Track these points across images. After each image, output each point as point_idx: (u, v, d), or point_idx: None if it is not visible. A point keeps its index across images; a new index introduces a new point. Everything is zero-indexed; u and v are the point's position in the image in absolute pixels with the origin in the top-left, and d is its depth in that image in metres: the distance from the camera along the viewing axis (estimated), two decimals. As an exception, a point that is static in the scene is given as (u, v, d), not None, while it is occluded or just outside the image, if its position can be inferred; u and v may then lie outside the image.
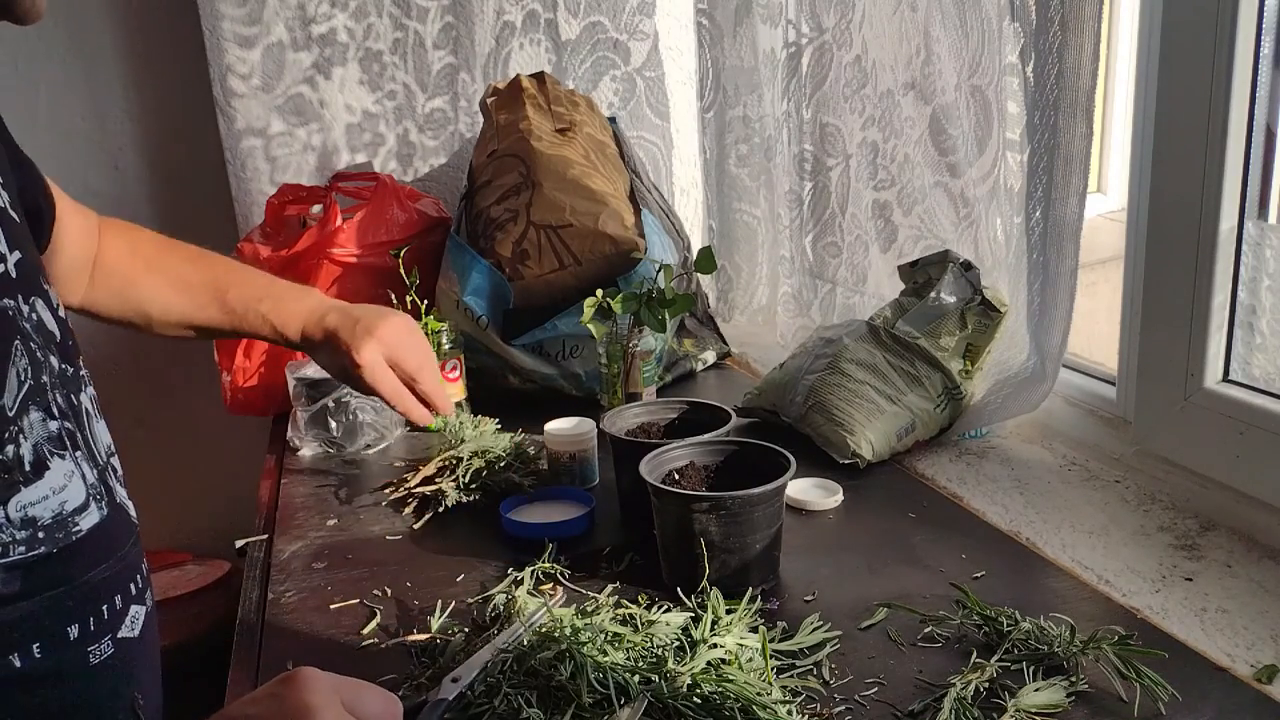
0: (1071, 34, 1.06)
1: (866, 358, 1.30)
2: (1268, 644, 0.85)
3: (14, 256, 0.69)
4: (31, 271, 0.71)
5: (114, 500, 0.71)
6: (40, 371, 0.67)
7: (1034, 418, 1.31)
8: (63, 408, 0.68)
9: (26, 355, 0.66)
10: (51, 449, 0.66)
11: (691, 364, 1.66)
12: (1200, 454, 1.10)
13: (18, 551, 0.61)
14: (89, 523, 0.67)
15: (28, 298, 0.69)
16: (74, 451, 0.68)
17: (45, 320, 0.70)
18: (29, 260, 0.71)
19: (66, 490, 0.66)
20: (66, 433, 0.68)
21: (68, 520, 0.65)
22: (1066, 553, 1.02)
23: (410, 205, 1.68)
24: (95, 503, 0.68)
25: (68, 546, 0.65)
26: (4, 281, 0.67)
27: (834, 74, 1.57)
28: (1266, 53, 1.01)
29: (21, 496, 0.63)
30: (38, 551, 0.62)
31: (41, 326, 0.69)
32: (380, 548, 1.11)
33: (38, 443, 0.65)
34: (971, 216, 1.36)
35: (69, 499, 0.66)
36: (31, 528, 0.63)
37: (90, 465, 0.70)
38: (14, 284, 0.67)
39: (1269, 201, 1.07)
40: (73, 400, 0.70)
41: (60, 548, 0.64)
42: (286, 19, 1.74)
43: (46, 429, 0.66)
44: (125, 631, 0.68)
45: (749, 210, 1.90)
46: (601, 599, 0.93)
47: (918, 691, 0.79)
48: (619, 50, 1.92)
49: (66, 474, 0.66)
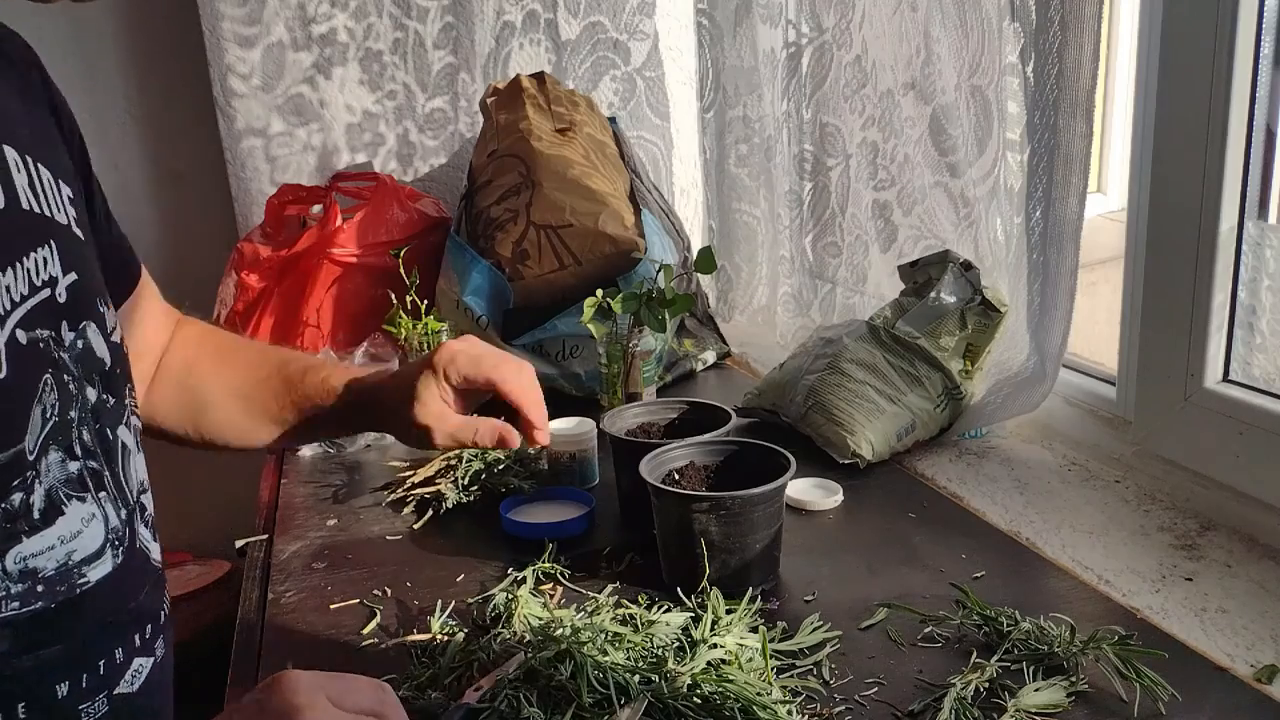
0: (1071, 34, 1.06)
1: (866, 358, 1.30)
2: (1268, 644, 0.85)
3: (68, 279, 0.64)
4: (87, 294, 0.66)
5: (134, 545, 0.66)
6: (69, 406, 0.62)
7: (1034, 418, 1.31)
8: (89, 445, 0.64)
9: (56, 389, 0.61)
10: (69, 492, 0.61)
11: (691, 364, 1.66)
12: (1200, 454, 1.10)
13: (10, 607, 0.57)
14: (99, 574, 0.62)
15: (76, 323, 0.65)
16: (97, 493, 0.63)
17: (95, 347, 0.66)
18: (86, 282, 0.66)
19: (80, 538, 0.61)
20: (90, 472, 0.63)
21: (74, 571, 0.61)
22: (1066, 553, 1.02)
23: (410, 205, 1.68)
24: (111, 550, 0.64)
25: (69, 600, 0.60)
26: (48, 308, 0.62)
27: (834, 74, 1.57)
28: (1266, 53, 1.01)
29: (23, 547, 0.58)
30: (34, 606, 0.58)
31: (87, 355, 0.65)
32: (380, 548, 1.11)
33: (53, 486, 0.60)
34: (971, 216, 1.36)
35: (80, 548, 0.61)
36: (30, 580, 0.58)
37: (117, 507, 0.65)
38: (60, 310, 0.63)
39: (1269, 201, 1.07)
40: (106, 434, 0.66)
41: (60, 601, 0.59)
42: (286, 19, 1.74)
43: (65, 470, 0.61)
44: (123, 687, 0.64)
45: (749, 210, 1.90)
46: (601, 599, 0.93)
47: (918, 691, 0.79)
48: (619, 50, 1.92)
49: (85, 518, 0.62)
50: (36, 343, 0.61)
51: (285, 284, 1.58)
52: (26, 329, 0.60)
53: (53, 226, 0.65)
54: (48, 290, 0.62)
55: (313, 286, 1.58)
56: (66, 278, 0.64)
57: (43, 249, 0.63)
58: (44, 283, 0.62)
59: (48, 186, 0.66)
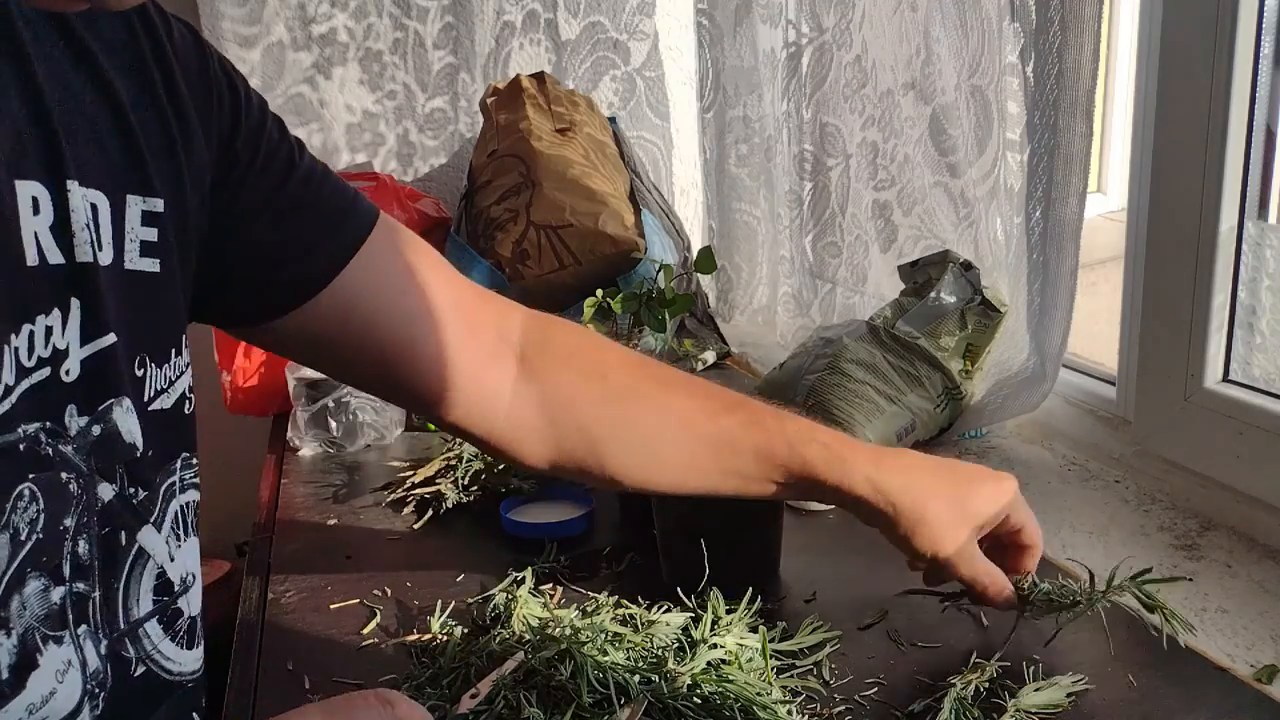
0: (1071, 34, 1.06)
1: (866, 358, 1.30)
2: (1268, 644, 0.85)
3: (92, 347, 0.51)
4: (119, 359, 0.52)
5: (128, 675, 0.54)
6: (63, 513, 0.49)
7: (1034, 418, 1.31)
8: (82, 560, 0.51)
9: (41, 498, 0.48)
10: (47, 632, 0.48)
11: (691, 364, 1.66)
12: (1200, 454, 1.10)
13: None
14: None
15: (94, 405, 0.51)
16: (77, 627, 0.50)
17: (122, 430, 0.53)
18: (129, 340, 0.53)
19: (54, 699, 0.48)
20: (74, 600, 0.50)
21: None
22: (1066, 553, 1.02)
23: (410, 205, 1.68)
24: (90, 702, 0.50)
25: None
26: (42, 394, 0.48)
27: (834, 74, 1.57)
28: (1266, 53, 1.01)
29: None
30: None
31: (107, 443, 0.52)
32: (380, 548, 1.11)
33: (29, 630, 0.47)
34: (971, 216, 1.36)
35: (53, 712, 0.48)
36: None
37: (102, 637, 0.52)
38: (65, 392, 0.50)
39: (1269, 201, 1.07)
40: (117, 540, 0.53)
41: None
42: (286, 19, 1.74)
43: (46, 603, 0.48)
44: None
45: (749, 210, 1.90)
46: (601, 599, 0.93)
47: (918, 691, 0.79)
48: (619, 50, 1.92)
49: (59, 670, 0.49)
50: (14, 446, 0.47)
51: (285, 284, 1.58)
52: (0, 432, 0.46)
53: (81, 276, 0.50)
54: (46, 370, 0.48)
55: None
56: (89, 346, 0.51)
57: (48, 315, 0.49)
58: (40, 361, 0.48)
59: (91, 215, 0.51)
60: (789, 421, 0.80)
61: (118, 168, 0.54)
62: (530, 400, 0.80)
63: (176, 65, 0.59)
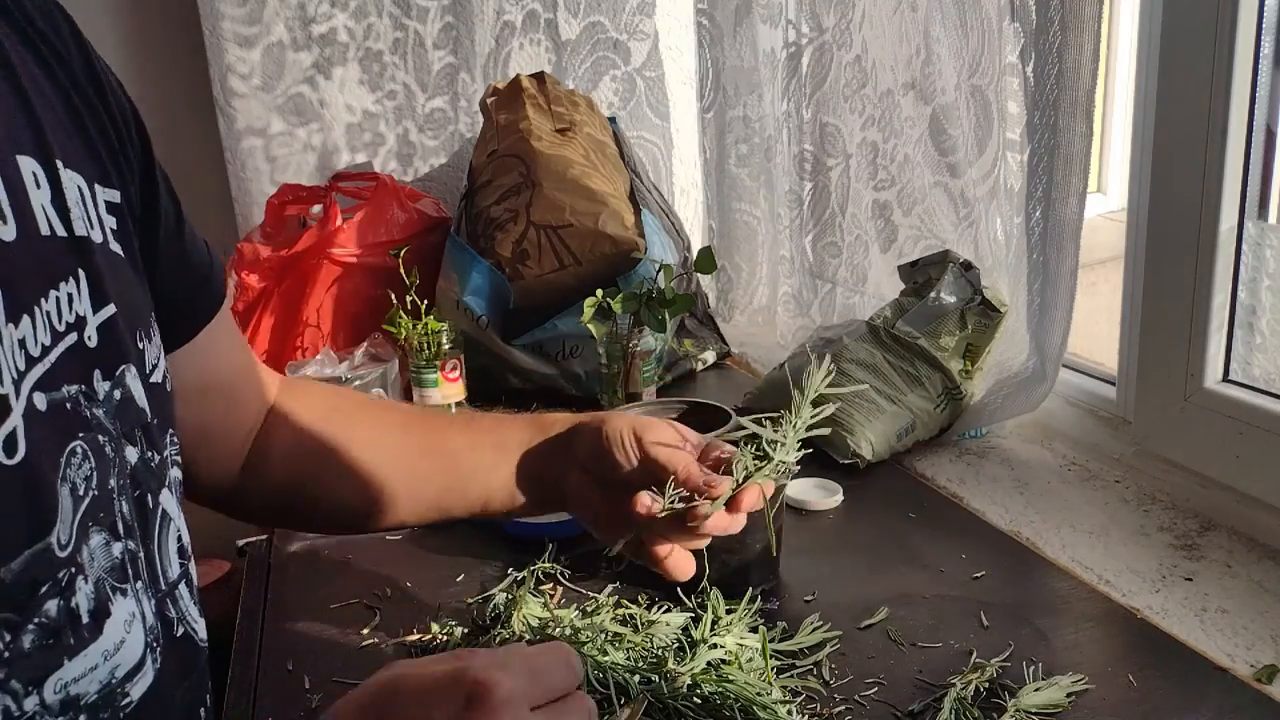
0: (1071, 34, 1.06)
1: (866, 358, 1.30)
2: (1268, 644, 0.85)
3: (101, 315, 0.52)
4: (125, 330, 0.55)
5: (172, 635, 0.56)
6: (108, 473, 0.51)
7: (1034, 418, 1.31)
8: (129, 521, 0.52)
9: (92, 456, 0.50)
10: (114, 584, 0.50)
11: (691, 364, 1.66)
12: (1200, 454, 1.10)
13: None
14: (141, 689, 0.51)
15: (112, 370, 0.53)
16: (134, 582, 0.52)
17: (134, 394, 0.55)
18: (124, 314, 0.55)
19: (123, 649, 0.50)
20: (129, 556, 0.52)
21: (117, 692, 0.49)
22: (1066, 553, 1.02)
23: (410, 205, 1.68)
24: (151, 655, 0.52)
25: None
26: (75, 358, 0.50)
27: (834, 74, 1.57)
28: (1266, 53, 1.01)
29: (65, 671, 0.46)
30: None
31: (126, 407, 0.54)
32: (380, 548, 1.11)
33: (100, 579, 0.49)
34: (971, 216, 1.36)
35: (123, 661, 0.50)
36: (71, 711, 0.47)
37: (150, 595, 0.54)
38: (91, 356, 0.51)
39: (1269, 201, 1.07)
40: (146, 503, 0.55)
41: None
42: (286, 19, 1.74)
43: (110, 556, 0.50)
44: None
45: (749, 210, 1.90)
46: (601, 599, 0.93)
47: (918, 691, 0.79)
48: (619, 50, 1.92)
49: (127, 620, 0.51)
50: (63, 404, 0.49)
51: (285, 284, 1.58)
52: (48, 389, 0.48)
53: (83, 249, 0.53)
54: (74, 335, 0.50)
55: (313, 286, 1.58)
56: (99, 315, 0.52)
57: (67, 283, 0.51)
58: (69, 325, 0.50)
59: (79, 194, 0.54)
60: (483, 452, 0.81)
61: (84, 156, 0.57)
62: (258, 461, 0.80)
63: (107, 83, 0.62)
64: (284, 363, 1.50)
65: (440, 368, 1.41)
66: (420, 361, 1.41)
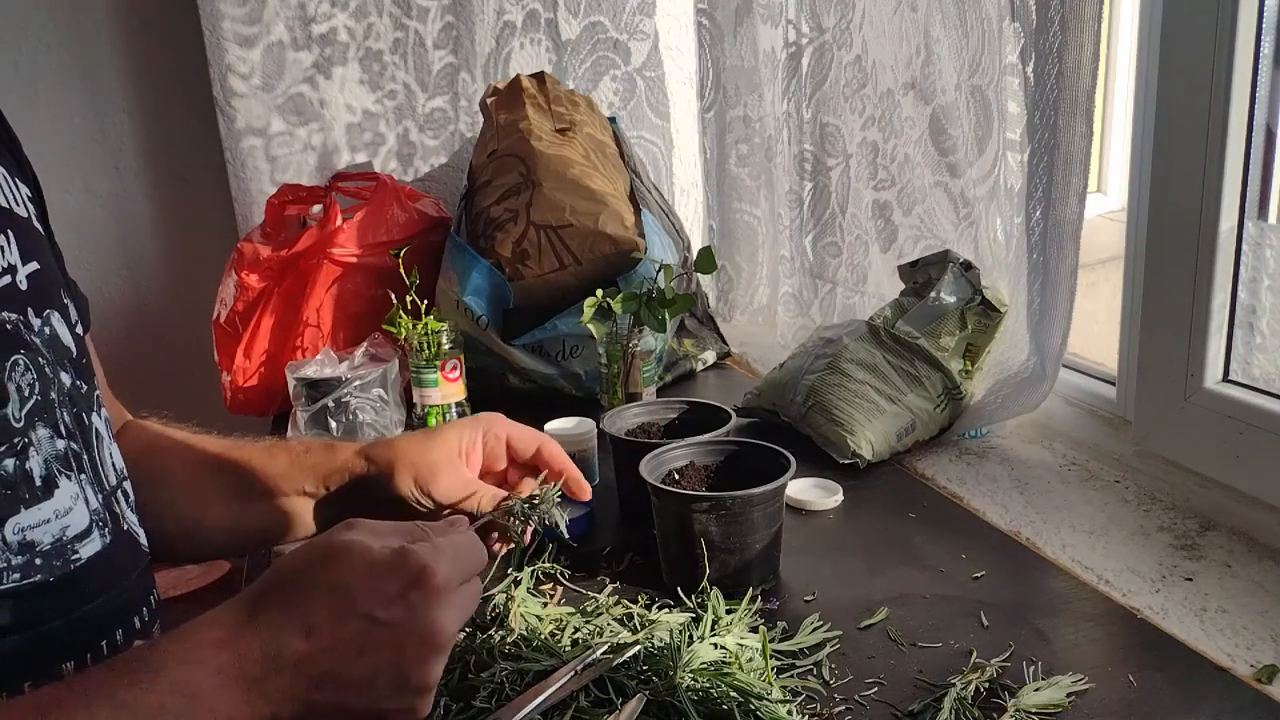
0: (1071, 34, 1.06)
1: (866, 358, 1.30)
2: (1268, 644, 0.85)
3: (28, 268, 0.64)
4: (49, 285, 0.66)
5: (120, 527, 0.66)
6: (49, 387, 0.63)
7: (1034, 418, 1.31)
8: (70, 427, 0.64)
9: (33, 370, 0.61)
10: (60, 468, 0.62)
11: (691, 364, 1.66)
12: (1200, 454, 1.10)
13: (11, 579, 0.57)
14: (89, 551, 0.62)
15: (40, 310, 0.64)
16: (79, 474, 0.63)
17: (61, 335, 0.66)
18: (47, 274, 0.66)
19: (71, 514, 0.61)
20: (73, 453, 0.63)
21: (67, 547, 0.61)
22: (1066, 553, 1.02)
23: (410, 205, 1.68)
24: (98, 529, 0.64)
25: (65, 576, 0.60)
26: (11, 294, 0.62)
27: (834, 74, 1.57)
28: (1266, 53, 1.01)
29: (21, 518, 0.58)
30: (33, 579, 0.58)
31: (55, 341, 0.65)
32: (380, 548, 1.11)
33: (48, 459, 0.61)
34: (971, 216, 1.36)
35: (71, 524, 0.61)
36: (29, 553, 0.58)
37: (95, 490, 0.65)
38: (22, 296, 0.63)
39: (1269, 201, 1.07)
40: (83, 420, 0.66)
41: (58, 576, 0.59)
42: (287, 18, 1.74)
43: (54, 446, 0.62)
44: None
45: (749, 210, 1.90)
46: (601, 599, 0.93)
47: (918, 691, 0.79)
48: (619, 50, 1.92)
49: (72, 496, 0.62)
50: (3, 324, 0.61)
51: (285, 284, 1.58)
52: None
53: (10, 217, 0.65)
54: (8, 277, 0.62)
55: (313, 286, 1.58)
56: (27, 266, 0.64)
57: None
58: (3, 269, 0.62)
59: (4, 178, 0.66)
60: None
61: (4, 152, 0.69)
62: None
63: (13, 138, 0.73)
64: (284, 363, 1.50)
65: (440, 368, 1.41)
66: (420, 361, 1.41)
